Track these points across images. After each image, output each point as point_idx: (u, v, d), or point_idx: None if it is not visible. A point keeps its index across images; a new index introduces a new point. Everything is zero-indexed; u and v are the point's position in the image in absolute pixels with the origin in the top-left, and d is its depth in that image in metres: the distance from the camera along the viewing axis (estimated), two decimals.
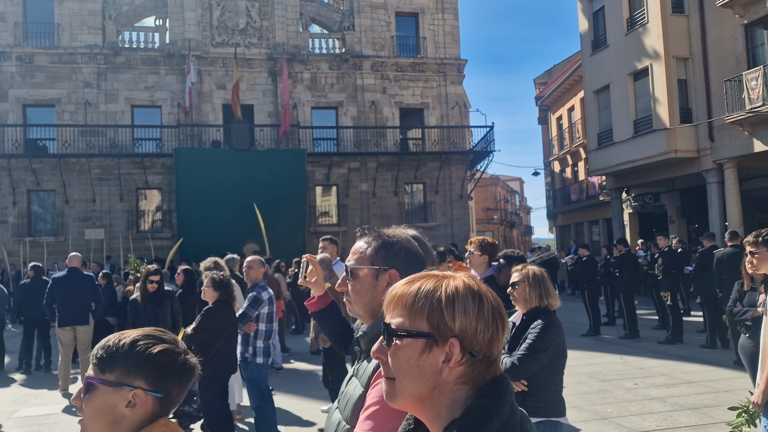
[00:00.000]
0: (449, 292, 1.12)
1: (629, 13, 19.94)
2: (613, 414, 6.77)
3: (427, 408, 1.13)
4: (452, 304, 1.11)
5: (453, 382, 1.11)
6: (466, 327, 1.10)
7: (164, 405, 1.48)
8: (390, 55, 26.51)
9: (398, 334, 1.12)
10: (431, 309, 1.11)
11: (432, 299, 1.11)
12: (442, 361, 1.10)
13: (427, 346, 1.10)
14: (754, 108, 15.33)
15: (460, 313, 1.10)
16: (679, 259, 11.72)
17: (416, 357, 1.10)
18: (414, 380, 1.11)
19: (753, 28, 16.53)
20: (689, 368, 8.95)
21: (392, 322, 1.14)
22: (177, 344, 1.52)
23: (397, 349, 1.12)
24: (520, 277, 3.53)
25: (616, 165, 20.64)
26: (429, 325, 1.10)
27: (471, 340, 1.10)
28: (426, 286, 1.14)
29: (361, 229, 1.87)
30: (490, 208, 50.20)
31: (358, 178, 25.70)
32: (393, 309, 1.15)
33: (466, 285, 1.14)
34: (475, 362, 1.11)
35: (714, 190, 17.87)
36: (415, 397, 1.12)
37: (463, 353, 1.10)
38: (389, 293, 1.18)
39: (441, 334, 1.10)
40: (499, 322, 1.14)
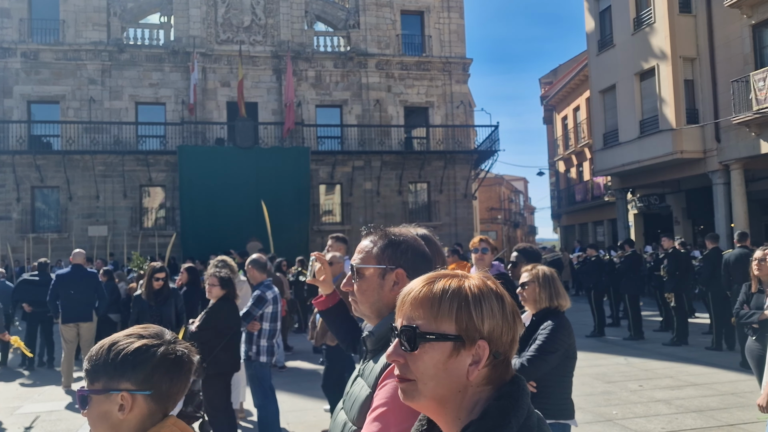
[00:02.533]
0: (475, 293, 1.10)
1: (636, 13, 19.85)
2: (618, 416, 6.72)
3: (447, 410, 1.11)
4: (480, 306, 1.09)
5: (476, 384, 1.10)
6: (494, 328, 1.09)
7: (159, 401, 1.45)
8: (395, 53, 26.46)
9: (426, 338, 1.08)
10: (459, 310, 1.08)
11: (459, 300, 1.09)
12: (468, 364, 1.08)
13: (455, 349, 1.08)
14: (761, 109, 15.24)
15: (488, 314, 1.09)
16: (684, 261, 11.65)
17: (444, 360, 1.08)
18: (440, 383, 1.09)
19: (761, 29, 16.43)
20: (694, 370, 8.89)
21: (417, 324, 1.10)
22: (158, 338, 1.49)
23: (423, 352, 1.09)
24: (530, 278, 3.49)
25: (622, 165, 20.56)
26: (457, 327, 1.08)
27: (497, 341, 1.09)
28: (450, 287, 1.11)
29: (366, 227, 1.83)
30: (494, 208, 50.13)
31: (362, 177, 25.66)
32: (413, 310, 1.11)
33: (488, 285, 1.13)
34: (498, 364, 1.10)
35: (720, 192, 17.79)
36: (439, 399, 1.10)
37: (488, 355, 1.09)
38: (405, 293, 1.14)
39: (469, 336, 1.08)
40: (519, 323, 1.13)
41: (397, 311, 1.15)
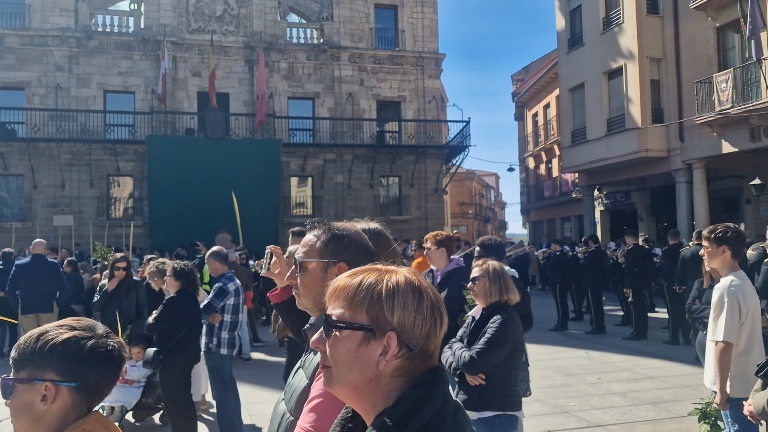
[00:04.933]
0: (390, 286, 1.14)
1: (605, 13, 20.13)
2: (575, 408, 6.88)
3: (363, 398, 1.15)
4: (392, 298, 1.13)
5: (389, 374, 1.13)
6: (405, 321, 1.12)
7: (85, 394, 1.46)
8: (368, 47, 26.43)
9: (338, 326, 1.14)
10: (371, 302, 1.13)
11: (372, 292, 1.13)
12: (379, 354, 1.12)
13: (365, 339, 1.12)
14: (723, 110, 15.61)
15: (399, 307, 1.12)
16: (643, 257, 11.93)
17: (354, 348, 1.12)
18: (351, 371, 1.13)
19: (725, 31, 16.82)
20: (651, 364, 9.13)
21: (333, 314, 1.16)
22: (89, 330, 1.49)
23: (336, 340, 1.14)
24: (480, 272, 3.56)
25: (589, 163, 20.89)
26: (368, 317, 1.12)
27: (409, 334, 1.12)
28: (368, 280, 1.16)
29: (310, 222, 1.87)
30: (465, 203, 50.46)
31: (333, 170, 25.63)
32: (334, 300, 1.17)
33: (408, 280, 1.17)
34: (412, 356, 1.13)
35: (683, 190, 18.20)
36: (352, 386, 1.15)
37: (400, 347, 1.12)
38: (332, 285, 1.20)
39: (379, 327, 1.12)
40: (438, 318, 1.16)
41: (326, 302, 1.20)
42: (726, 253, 3.70)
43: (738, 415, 3.47)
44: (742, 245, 3.75)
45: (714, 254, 3.74)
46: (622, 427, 6.19)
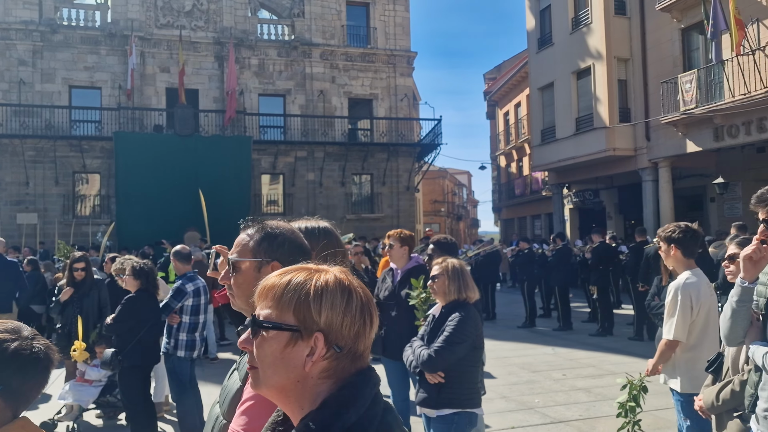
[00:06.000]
0: (318, 286, 1.12)
1: (574, 13, 20.36)
2: (539, 404, 6.96)
3: (290, 400, 1.14)
4: (319, 298, 1.11)
5: (316, 375, 1.12)
6: (332, 321, 1.11)
7: (9, 399, 1.41)
8: (340, 44, 26.34)
9: (264, 326, 1.12)
10: (298, 302, 1.11)
11: (300, 292, 1.12)
12: (306, 355, 1.10)
13: (292, 339, 1.11)
14: (687, 110, 15.91)
15: (326, 307, 1.11)
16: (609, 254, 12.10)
17: (280, 349, 1.11)
18: (277, 372, 1.11)
19: (689, 33, 17.13)
20: (616, 359, 9.27)
21: (260, 314, 1.14)
22: (14, 333, 1.46)
23: (263, 341, 1.12)
24: (439, 270, 3.57)
25: (558, 161, 21.12)
26: (295, 318, 1.11)
27: (336, 334, 1.11)
28: (296, 279, 1.14)
29: (244, 221, 1.84)
30: (437, 201, 50.67)
31: (305, 168, 25.51)
32: (262, 300, 1.16)
33: (337, 279, 1.15)
34: (340, 357, 1.12)
35: (649, 188, 18.50)
36: (279, 388, 1.13)
37: (327, 348, 1.11)
38: (260, 284, 1.18)
39: (306, 328, 1.10)
40: (367, 318, 1.15)
41: (255, 301, 1.18)
42: (676, 252, 3.77)
43: (690, 410, 3.54)
44: (693, 244, 3.81)
45: (666, 253, 3.82)
46: (584, 422, 6.27)
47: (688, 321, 3.67)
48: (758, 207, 2.40)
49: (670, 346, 3.74)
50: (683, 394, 3.71)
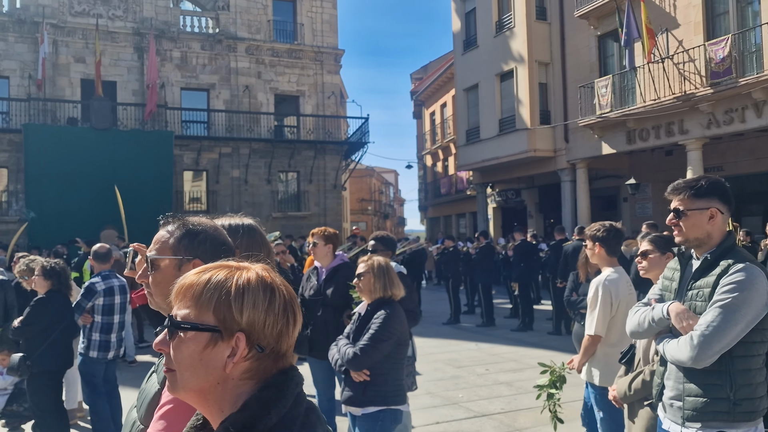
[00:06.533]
0: (239, 284, 1.08)
1: (498, 17, 20.88)
2: (464, 399, 7.09)
3: (209, 403, 1.10)
4: (241, 297, 1.07)
5: (237, 377, 1.08)
6: (254, 321, 1.07)
7: None
8: (266, 39, 25.92)
9: (182, 327, 1.07)
10: (219, 301, 1.07)
11: (220, 291, 1.07)
12: (227, 356, 1.06)
13: (212, 340, 1.06)
14: (603, 114, 16.65)
15: (248, 306, 1.07)
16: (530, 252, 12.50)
17: (199, 351, 1.07)
18: (196, 374, 1.07)
19: (605, 40, 17.93)
20: (536, 354, 9.55)
21: (177, 314, 1.09)
22: None
23: (181, 342, 1.07)
24: (365, 268, 3.56)
25: (482, 161, 21.62)
26: (215, 318, 1.07)
27: (259, 334, 1.07)
28: (216, 277, 1.09)
29: (164, 217, 1.77)
30: (364, 199, 50.81)
31: (229, 164, 24.95)
32: (180, 300, 1.10)
33: (259, 277, 1.11)
34: (262, 357, 1.09)
35: (567, 188, 19.24)
36: (197, 391, 1.09)
37: (249, 348, 1.07)
38: (178, 283, 1.13)
39: (227, 328, 1.06)
40: (290, 317, 1.12)
41: (172, 300, 1.13)
42: (600, 250, 3.94)
43: (604, 402, 3.69)
44: (616, 243, 3.99)
45: (591, 251, 3.98)
46: (506, 415, 6.44)
47: (609, 317, 3.83)
48: (672, 195, 2.54)
49: (592, 341, 3.88)
50: (599, 387, 3.86)
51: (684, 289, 2.52)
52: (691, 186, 2.48)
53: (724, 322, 2.27)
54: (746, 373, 2.34)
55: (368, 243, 5.58)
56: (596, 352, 3.92)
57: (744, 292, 2.28)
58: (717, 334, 2.27)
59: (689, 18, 15.06)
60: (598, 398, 3.87)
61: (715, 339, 2.27)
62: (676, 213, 2.48)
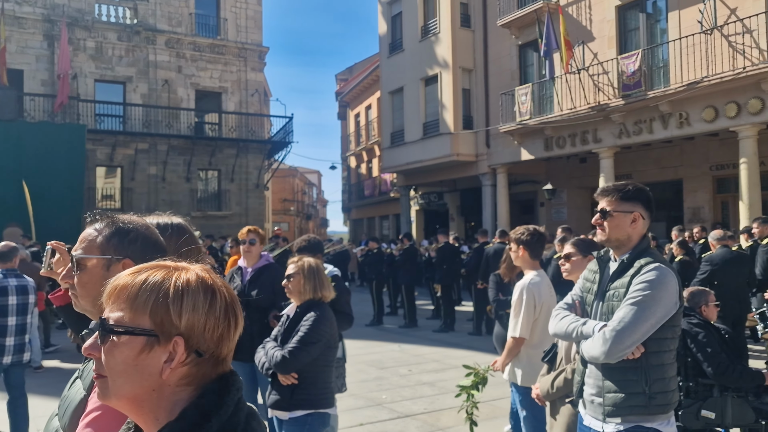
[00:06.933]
0: (178, 286, 1.03)
1: (424, 22, 21.19)
2: (387, 400, 7.13)
3: (144, 411, 1.04)
4: (180, 299, 1.02)
5: (174, 383, 1.03)
6: (194, 324, 1.02)
7: None
8: (187, 32, 25.15)
9: (115, 331, 1.01)
10: (156, 304, 1.01)
11: (158, 293, 1.02)
12: (163, 361, 1.01)
13: (147, 345, 1.01)
14: (522, 121, 17.22)
15: (188, 309, 1.02)
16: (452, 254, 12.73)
17: (134, 356, 1.01)
18: (129, 380, 1.01)
19: (526, 49, 18.55)
20: (457, 354, 9.75)
21: (110, 317, 1.02)
22: None
23: (113, 347, 1.01)
24: (295, 269, 3.50)
25: (406, 164, 21.86)
26: (152, 321, 1.01)
27: (198, 338, 1.03)
28: (153, 278, 1.04)
29: (91, 214, 1.67)
30: (287, 199, 50.27)
31: (146, 161, 24.03)
32: (113, 302, 1.04)
33: (199, 278, 1.06)
34: (201, 362, 1.04)
35: (488, 192, 19.76)
36: (131, 398, 1.03)
37: (188, 353, 1.02)
38: (110, 284, 1.06)
39: (164, 332, 1.01)
40: (232, 320, 1.07)
41: (103, 302, 1.06)
42: (524, 253, 4.05)
43: (527, 401, 3.81)
44: (539, 246, 4.11)
45: (515, 254, 4.09)
46: (429, 415, 6.52)
47: (532, 319, 3.94)
48: (600, 197, 2.67)
49: (516, 343, 3.98)
50: (522, 387, 3.97)
51: (603, 291, 2.63)
52: (619, 190, 2.61)
53: (635, 318, 2.40)
54: (660, 368, 2.47)
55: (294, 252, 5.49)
56: (520, 353, 4.01)
57: (654, 290, 2.41)
58: (628, 329, 2.39)
59: (603, 32, 15.82)
60: (521, 398, 3.97)
61: (626, 334, 2.39)
62: (603, 213, 2.60)
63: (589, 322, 2.59)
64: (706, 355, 4.08)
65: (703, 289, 4.70)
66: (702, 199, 16.10)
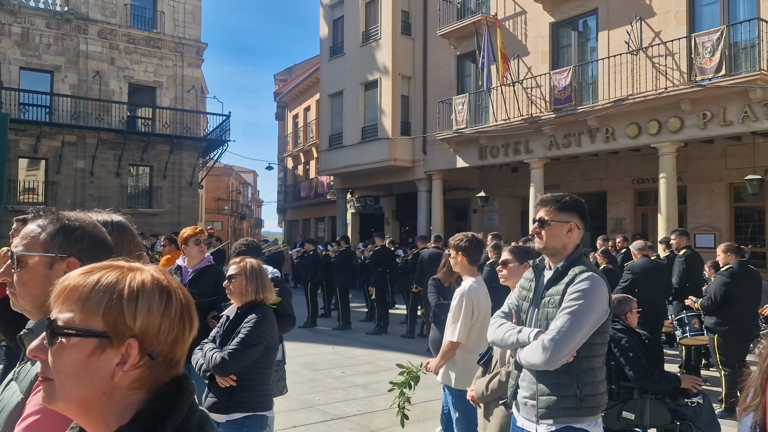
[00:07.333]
0: (133, 287, 1.02)
1: (365, 27, 21.32)
2: (320, 402, 7.15)
3: (93, 415, 1.02)
4: (135, 301, 1.00)
5: (126, 386, 1.01)
6: (149, 327, 1.01)
7: None
8: (122, 24, 24.34)
9: (65, 332, 0.99)
10: (109, 305, 0.99)
11: (111, 294, 1.00)
12: (115, 364, 0.99)
13: (99, 347, 0.99)
14: (459, 129, 17.59)
15: (143, 311, 1.01)
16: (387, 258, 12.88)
17: (84, 358, 0.99)
18: (79, 384, 0.99)
19: (464, 60, 18.96)
20: (390, 356, 9.86)
21: (60, 318, 1.00)
22: None
23: (62, 349, 0.98)
24: (237, 270, 3.49)
25: (344, 167, 21.90)
26: (105, 323, 0.99)
27: (152, 341, 1.01)
28: (106, 279, 1.02)
29: (35, 210, 1.62)
30: (221, 198, 49.29)
31: (73, 154, 23.07)
32: (63, 302, 1.02)
33: (155, 279, 1.05)
34: (155, 365, 1.03)
35: (423, 198, 20.06)
36: (79, 402, 1.00)
37: (141, 355, 1.01)
38: (60, 283, 1.04)
39: (118, 334, 0.99)
40: (187, 322, 1.07)
41: (51, 303, 1.04)
42: (462, 260, 4.17)
43: (461, 404, 3.93)
44: (477, 253, 4.25)
45: (455, 260, 4.21)
46: (362, 417, 6.60)
47: (469, 324, 4.06)
48: (539, 206, 2.80)
49: (452, 347, 4.09)
50: (456, 390, 4.08)
51: (538, 298, 2.77)
52: (557, 200, 2.75)
53: (571, 326, 2.54)
54: (590, 372, 2.63)
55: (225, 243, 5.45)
56: (456, 357, 4.13)
57: (588, 299, 2.56)
58: (566, 338, 2.53)
59: (538, 47, 16.39)
60: (454, 400, 4.09)
61: (564, 342, 2.53)
62: (541, 223, 2.73)
63: (524, 330, 2.71)
64: (628, 359, 4.34)
65: (628, 296, 4.99)
66: (624, 211, 16.91)
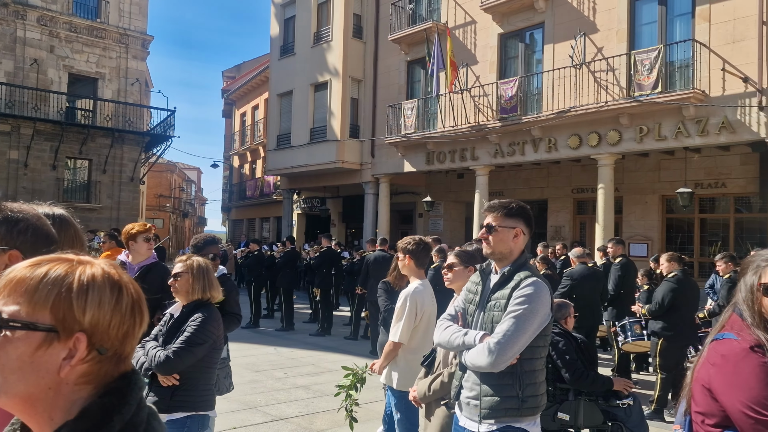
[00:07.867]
0: (83, 280, 1.00)
1: (316, 28, 21.27)
2: (262, 403, 7.10)
3: (37, 410, 1.00)
4: (85, 295, 0.99)
5: (73, 381, 1.00)
6: (98, 321, 0.99)
7: None
8: (63, 11, 23.49)
9: (10, 325, 0.96)
10: (58, 298, 0.97)
11: (60, 287, 0.98)
12: (62, 359, 0.98)
13: (46, 341, 0.97)
14: (407, 134, 17.76)
15: (93, 305, 0.99)
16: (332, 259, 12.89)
17: (30, 352, 0.96)
18: (23, 378, 0.97)
19: (414, 65, 19.17)
20: (333, 358, 9.88)
21: (4, 311, 0.97)
22: None
23: (6, 342, 0.96)
24: (183, 268, 3.45)
25: (291, 167, 21.76)
26: (53, 316, 0.97)
27: (102, 335, 1.00)
28: (55, 272, 0.99)
29: None
30: (163, 195, 48.12)
31: (6, 144, 22.11)
32: (9, 295, 0.99)
33: (105, 273, 1.03)
34: (104, 360, 1.01)
35: (370, 201, 20.14)
36: (23, 397, 0.98)
37: (90, 350, 0.99)
38: (5, 275, 1.02)
39: (66, 328, 0.98)
40: (137, 317, 1.06)
41: None
42: (410, 262, 4.24)
43: (403, 405, 3.99)
44: (425, 256, 4.32)
45: (401, 262, 4.28)
46: (303, 418, 6.59)
47: (413, 326, 4.12)
48: (487, 212, 2.88)
49: (395, 347, 4.15)
50: (398, 391, 4.14)
51: (485, 301, 2.85)
52: (504, 207, 2.84)
53: (516, 330, 2.63)
54: (531, 374, 2.73)
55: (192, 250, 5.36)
56: (397, 357, 4.19)
57: (532, 304, 2.66)
58: (510, 341, 2.62)
59: (486, 57, 16.73)
60: (396, 401, 4.15)
61: (509, 345, 2.62)
62: (489, 228, 2.82)
63: (470, 333, 2.78)
64: (564, 362, 4.51)
65: (566, 302, 5.18)
66: (563, 219, 17.44)
